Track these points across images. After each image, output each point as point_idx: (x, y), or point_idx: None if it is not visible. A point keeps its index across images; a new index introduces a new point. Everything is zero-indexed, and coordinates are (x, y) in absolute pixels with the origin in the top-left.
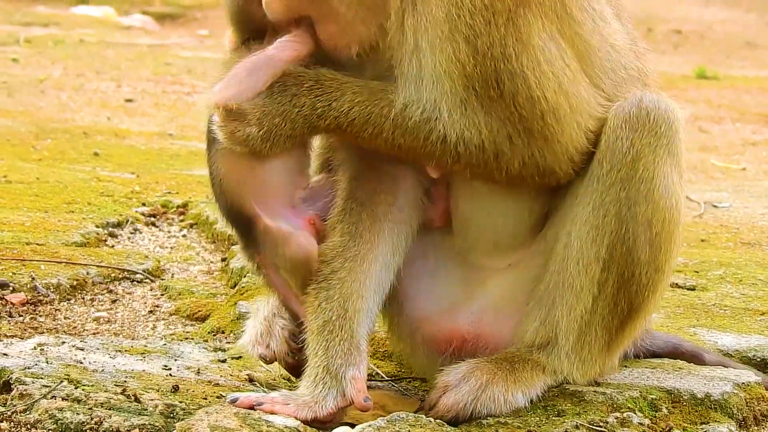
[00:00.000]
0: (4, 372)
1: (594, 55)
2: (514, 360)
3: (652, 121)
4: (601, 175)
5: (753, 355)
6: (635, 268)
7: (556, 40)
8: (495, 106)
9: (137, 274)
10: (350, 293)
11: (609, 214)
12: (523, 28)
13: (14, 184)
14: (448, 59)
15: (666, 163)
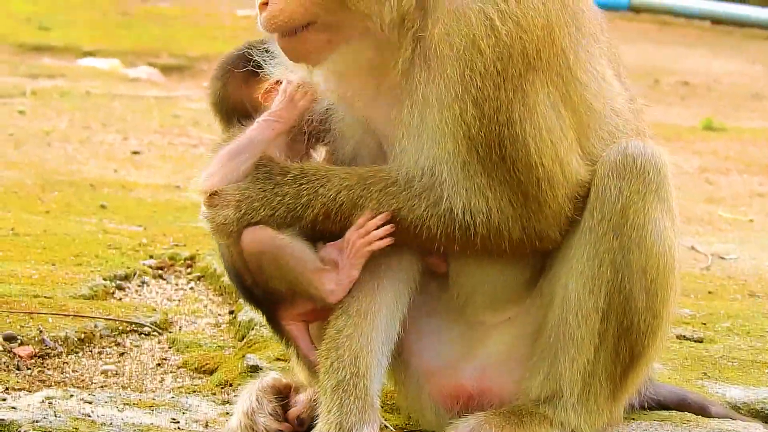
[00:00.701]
0: (13, 425)
1: (595, 120)
2: (522, 413)
3: (639, 168)
4: (593, 226)
5: (761, 408)
6: (634, 316)
7: (558, 108)
8: (496, 170)
9: (145, 326)
10: (359, 349)
11: (604, 264)
12: (530, 94)
13: (21, 237)
14: (454, 119)
15: (656, 209)
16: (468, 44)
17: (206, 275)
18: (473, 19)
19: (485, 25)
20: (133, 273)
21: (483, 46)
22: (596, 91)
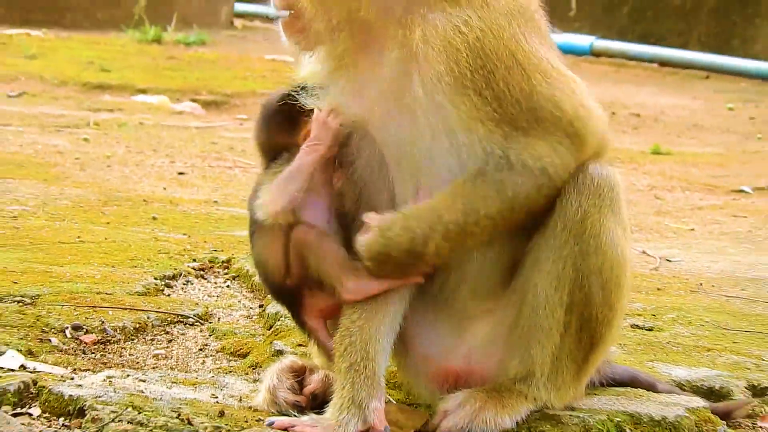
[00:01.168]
0: (79, 400)
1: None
2: (501, 390)
3: (596, 185)
4: (558, 234)
5: (701, 385)
6: (592, 309)
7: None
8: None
9: (189, 318)
10: (369, 338)
11: (567, 266)
12: (523, 81)
13: (86, 244)
14: (474, 108)
15: (610, 220)
16: (448, 45)
17: (240, 275)
18: (446, 28)
19: (455, 32)
20: (179, 273)
21: (460, 46)
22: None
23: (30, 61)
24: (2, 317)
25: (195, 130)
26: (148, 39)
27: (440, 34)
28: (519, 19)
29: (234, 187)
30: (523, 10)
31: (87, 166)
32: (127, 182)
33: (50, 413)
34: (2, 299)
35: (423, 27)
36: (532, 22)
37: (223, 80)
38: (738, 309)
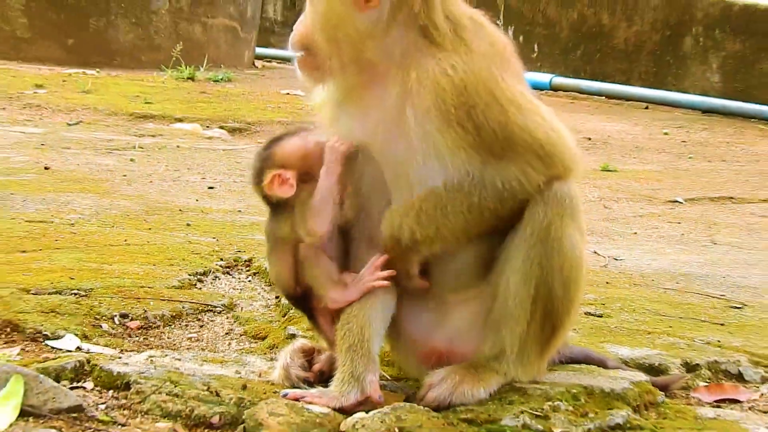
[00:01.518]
0: (126, 376)
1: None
2: (477, 367)
3: (559, 198)
4: (527, 238)
5: (643, 362)
6: (554, 300)
7: (531, 110)
8: (506, 154)
9: (217, 307)
10: (363, 324)
11: (534, 264)
12: (500, 114)
13: (132, 246)
14: (458, 138)
15: (570, 227)
16: (436, 85)
17: (259, 272)
18: (434, 71)
19: (442, 74)
20: (209, 270)
21: (446, 86)
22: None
23: (86, 96)
24: (61, 307)
25: (222, 152)
26: (183, 77)
27: (431, 76)
28: (496, 60)
29: (254, 198)
30: (499, 52)
31: (132, 182)
32: (165, 195)
33: (101, 387)
34: (61, 292)
35: (417, 70)
36: (507, 63)
37: (246, 111)
38: (673, 299)
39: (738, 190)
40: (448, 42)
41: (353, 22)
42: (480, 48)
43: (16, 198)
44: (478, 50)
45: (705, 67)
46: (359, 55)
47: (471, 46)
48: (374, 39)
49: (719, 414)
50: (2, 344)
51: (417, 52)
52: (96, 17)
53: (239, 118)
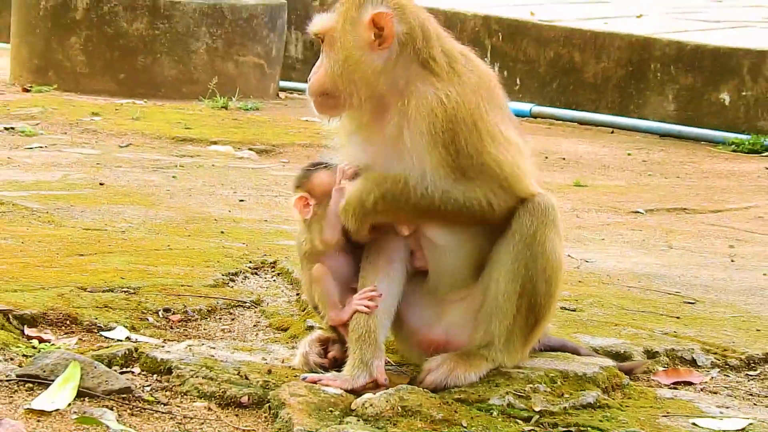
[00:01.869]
0: (168, 362)
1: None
2: (469, 354)
3: (543, 209)
4: (515, 243)
5: (610, 350)
6: (538, 297)
7: (504, 145)
8: (479, 179)
9: (246, 303)
10: (370, 317)
11: (521, 265)
12: (474, 134)
13: (174, 250)
14: (439, 157)
15: (552, 233)
16: (430, 112)
17: (282, 273)
18: (431, 99)
19: (438, 102)
20: (240, 271)
21: (439, 114)
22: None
23: (135, 122)
24: (113, 303)
25: (251, 170)
26: (218, 106)
27: (427, 104)
28: (483, 92)
29: (279, 209)
30: (485, 83)
31: (174, 196)
32: (202, 207)
33: (147, 371)
34: (113, 290)
35: (417, 99)
36: (492, 93)
37: (271, 135)
38: (636, 295)
39: (691, 203)
40: (444, 73)
41: (370, 63)
42: (470, 79)
43: (75, 209)
44: (468, 81)
45: (662, 97)
46: (373, 91)
47: (462, 77)
48: (385, 74)
49: (676, 394)
50: (62, 335)
51: (418, 82)
52: (144, 55)
53: (265, 141)
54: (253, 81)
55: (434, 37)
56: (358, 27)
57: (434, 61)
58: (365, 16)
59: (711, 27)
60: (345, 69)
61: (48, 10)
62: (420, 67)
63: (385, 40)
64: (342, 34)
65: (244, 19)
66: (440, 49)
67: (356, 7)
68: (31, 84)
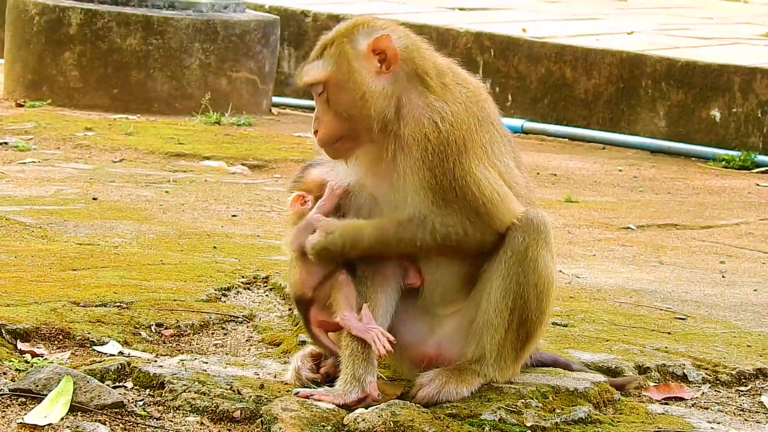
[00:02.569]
0: (161, 376)
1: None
2: (461, 369)
3: (535, 226)
4: (506, 258)
5: (602, 365)
6: (529, 312)
7: (488, 168)
8: (457, 204)
9: (239, 318)
10: None
11: (512, 281)
12: (465, 163)
13: (166, 265)
14: (421, 180)
15: (543, 249)
16: (422, 136)
17: (275, 288)
18: (425, 122)
19: (431, 126)
20: (232, 286)
21: (431, 137)
22: (505, 171)
23: (128, 137)
24: (106, 317)
25: (244, 185)
26: (211, 122)
27: (422, 129)
28: (474, 107)
29: (271, 225)
30: (475, 96)
31: (167, 211)
32: (195, 222)
33: (140, 386)
34: (106, 305)
35: (412, 119)
36: (483, 109)
37: (264, 150)
38: (627, 311)
39: (681, 219)
40: (438, 87)
41: (381, 91)
42: (462, 93)
43: (69, 224)
44: (460, 95)
45: (653, 114)
46: (385, 116)
47: (454, 91)
48: (394, 96)
49: (667, 410)
50: (55, 349)
51: (414, 97)
52: (137, 71)
53: (258, 157)
54: (246, 96)
55: (425, 51)
56: (360, 60)
57: (429, 76)
58: (363, 46)
59: (702, 44)
60: (360, 106)
61: (42, 26)
62: (418, 83)
63: (391, 61)
64: (348, 74)
65: (237, 35)
66: (431, 63)
67: (350, 42)
68: (24, 99)
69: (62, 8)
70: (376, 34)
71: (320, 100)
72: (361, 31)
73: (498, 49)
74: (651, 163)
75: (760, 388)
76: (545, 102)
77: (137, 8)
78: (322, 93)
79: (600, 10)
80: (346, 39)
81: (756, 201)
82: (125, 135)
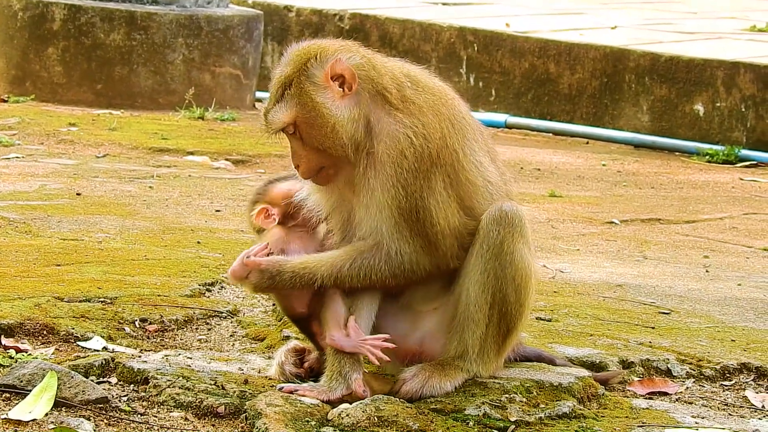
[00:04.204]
0: (145, 372)
1: (475, 191)
2: (444, 364)
3: (509, 218)
4: (483, 253)
5: (585, 360)
6: (508, 305)
7: (447, 189)
8: (414, 227)
9: (223, 313)
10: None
11: (490, 275)
12: (432, 180)
13: (150, 260)
14: (390, 197)
15: (519, 242)
16: (398, 153)
17: None
18: (401, 138)
19: (407, 142)
20: (216, 281)
21: (407, 154)
22: (476, 173)
23: (112, 132)
24: (90, 313)
25: (227, 180)
26: (195, 117)
27: (398, 146)
28: (445, 112)
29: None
30: (441, 98)
31: (151, 206)
32: (179, 217)
33: (124, 381)
34: (90, 300)
35: (387, 141)
36: (452, 109)
37: (248, 145)
38: (611, 306)
39: (665, 213)
40: (400, 102)
41: (348, 115)
42: (427, 101)
43: (53, 219)
44: (425, 104)
45: (636, 108)
46: (356, 137)
47: (417, 102)
48: (360, 117)
49: (651, 404)
50: (40, 345)
51: (381, 116)
52: (121, 66)
53: (242, 152)
54: (229, 92)
55: (380, 64)
56: (321, 92)
57: (388, 92)
58: (320, 76)
59: (686, 38)
60: (333, 137)
61: (25, 21)
62: (380, 100)
63: (351, 82)
64: (314, 110)
65: (220, 30)
66: (389, 77)
67: (308, 78)
68: (8, 94)
69: (46, 4)
70: (329, 60)
71: (293, 138)
72: (314, 63)
73: (481, 44)
74: (635, 158)
75: (744, 383)
76: (529, 97)
77: (121, 4)
78: (294, 132)
79: (583, 4)
80: (303, 76)
81: (739, 195)
82: (109, 130)
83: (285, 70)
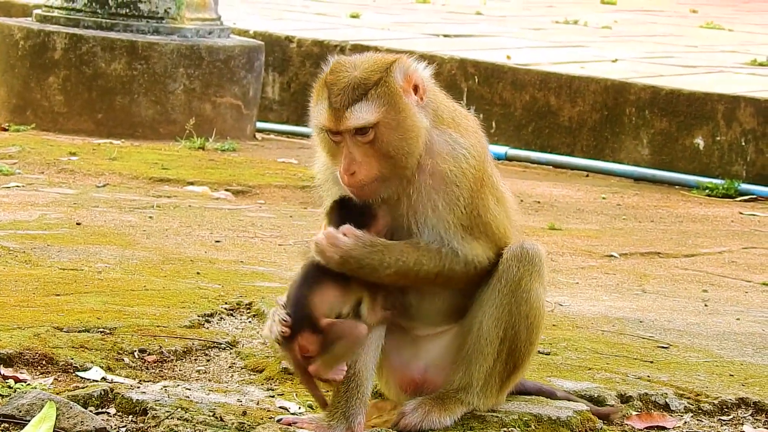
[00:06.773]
0: (143, 402)
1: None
2: (445, 398)
3: (529, 256)
4: (501, 287)
5: (584, 394)
6: (519, 342)
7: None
8: (480, 236)
9: (222, 344)
10: (362, 368)
11: (504, 311)
12: (484, 198)
13: (150, 291)
14: (454, 215)
15: (536, 281)
16: (460, 172)
17: (258, 314)
18: (461, 157)
19: (466, 162)
20: (215, 312)
21: (467, 173)
22: (508, 195)
23: (112, 162)
24: (89, 343)
25: (227, 211)
26: (195, 147)
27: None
28: (482, 140)
29: (255, 251)
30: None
31: (151, 236)
32: (179, 248)
33: (123, 412)
34: (89, 330)
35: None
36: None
37: (248, 176)
38: (609, 339)
39: (664, 247)
40: (451, 121)
41: (422, 124)
42: (469, 126)
43: (52, 249)
44: (469, 127)
45: (637, 141)
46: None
47: (462, 124)
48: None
49: None
50: (38, 374)
51: (439, 133)
52: (121, 95)
53: (242, 182)
54: (230, 122)
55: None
56: (407, 96)
57: (441, 110)
58: (403, 82)
59: (686, 72)
60: (412, 142)
61: (26, 50)
62: (436, 117)
63: (423, 93)
64: (402, 113)
65: (221, 60)
66: (441, 96)
67: (394, 81)
68: (9, 123)
69: (47, 33)
70: (409, 67)
71: (358, 142)
72: (398, 68)
73: (482, 76)
74: (634, 191)
75: (742, 418)
76: (529, 129)
77: (122, 33)
78: (367, 135)
79: (584, 37)
80: (391, 78)
81: (739, 229)
82: (109, 160)
83: (365, 72)
